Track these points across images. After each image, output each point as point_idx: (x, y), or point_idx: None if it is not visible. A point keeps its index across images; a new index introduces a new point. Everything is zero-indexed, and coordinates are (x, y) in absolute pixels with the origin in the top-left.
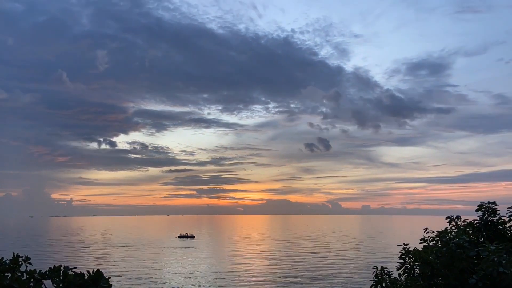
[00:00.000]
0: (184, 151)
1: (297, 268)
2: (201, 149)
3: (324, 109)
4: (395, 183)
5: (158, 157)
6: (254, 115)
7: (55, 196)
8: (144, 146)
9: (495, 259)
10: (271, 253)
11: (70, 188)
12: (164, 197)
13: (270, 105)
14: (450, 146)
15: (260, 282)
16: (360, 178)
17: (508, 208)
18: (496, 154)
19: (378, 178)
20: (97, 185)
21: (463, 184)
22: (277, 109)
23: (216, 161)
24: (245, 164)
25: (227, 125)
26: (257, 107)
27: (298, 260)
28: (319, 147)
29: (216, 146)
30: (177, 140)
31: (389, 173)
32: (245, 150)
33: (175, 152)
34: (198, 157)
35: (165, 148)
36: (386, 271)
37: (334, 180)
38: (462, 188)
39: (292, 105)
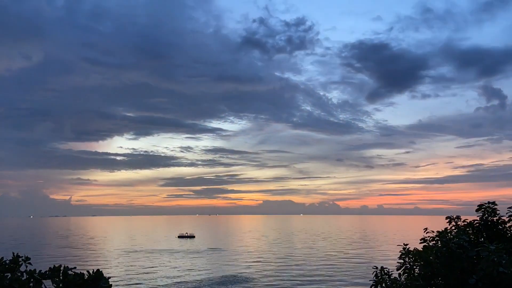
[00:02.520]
0: (178, 154)
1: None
2: (194, 152)
3: (295, 119)
4: (390, 183)
5: (154, 160)
6: (238, 122)
7: (54, 196)
8: (137, 149)
9: (495, 259)
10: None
11: (70, 189)
12: (164, 197)
13: (253, 114)
14: (437, 149)
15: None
16: (355, 179)
17: (508, 208)
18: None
19: (373, 179)
20: (97, 186)
21: (454, 184)
22: (260, 117)
23: (211, 163)
24: (239, 166)
25: (214, 130)
26: (240, 114)
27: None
28: None
29: (208, 150)
30: (169, 145)
31: (383, 174)
32: (237, 153)
33: (168, 155)
34: (193, 159)
35: (158, 151)
36: (386, 271)
37: (330, 181)
38: (455, 189)
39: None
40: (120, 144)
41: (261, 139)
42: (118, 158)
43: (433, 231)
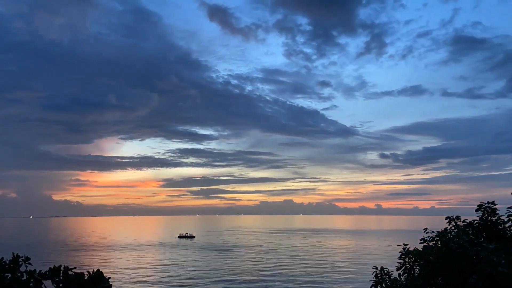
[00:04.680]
0: (173, 156)
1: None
2: (189, 154)
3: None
4: (389, 184)
5: (152, 161)
6: (228, 128)
7: (54, 197)
8: (134, 151)
9: (495, 259)
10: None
11: (69, 189)
12: (163, 198)
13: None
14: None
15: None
16: (352, 180)
17: (507, 208)
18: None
19: (369, 180)
20: (96, 187)
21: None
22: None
23: (208, 164)
24: (234, 168)
25: (206, 136)
26: (231, 120)
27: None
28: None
29: (202, 152)
30: (163, 148)
31: (379, 176)
32: (233, 155)
33: (163, 157)
34: (189, 161)
35: (154, 153)
36: (386, 271)
37: (328, 182)
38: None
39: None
40: (119, 146)
41: (255, 141)
42: (116, 160)
43: (433, 231)
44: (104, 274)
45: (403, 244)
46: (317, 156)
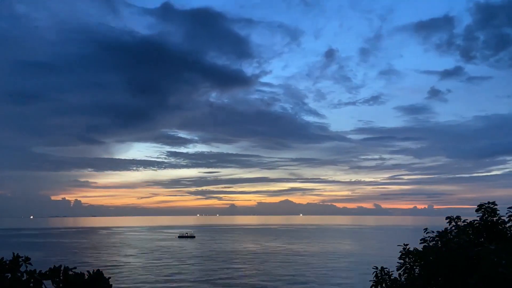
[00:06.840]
0: (170, 158)
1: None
2: (184, 156)
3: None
4: (387, 185)
5: (149, 162)
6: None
7: (54, 197)
8: (132, 153)
9: (495, 259)
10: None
11: (69, 190)
12: (162, 199)
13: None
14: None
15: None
16: (349, 181)
17: (508, 208)
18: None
19: (366, 181)
20: (96, 187)
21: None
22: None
23: (206, 165)
24: (231, 169)
25: (195, 139)
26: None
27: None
28: None
29: (200, 154)
30: (160, 149)
31: (378, 177)
32: (231, 156)
33: (160, 160)
34: (185, 163)
35: (149, 155)
36: (386, 271)
37: (326, 183)
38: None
39: None
40: (114, 149)
41: (253, 141)
42: (113, 161)
43: (433, 231)
44: (104, 274)
45: (403, 244)
46: (312, 158)
